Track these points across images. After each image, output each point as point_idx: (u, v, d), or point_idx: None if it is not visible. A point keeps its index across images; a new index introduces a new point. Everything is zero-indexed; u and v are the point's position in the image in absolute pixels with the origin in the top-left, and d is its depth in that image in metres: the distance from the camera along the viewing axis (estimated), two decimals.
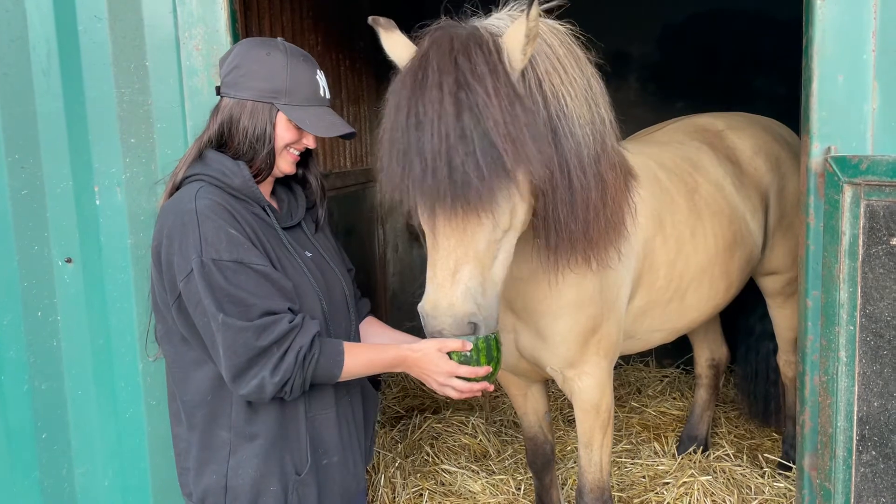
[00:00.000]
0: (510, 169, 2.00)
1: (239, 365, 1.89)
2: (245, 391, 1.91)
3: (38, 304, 2.78)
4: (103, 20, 2.65)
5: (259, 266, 1.93)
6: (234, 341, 1.87)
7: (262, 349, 1.88)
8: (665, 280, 3.04)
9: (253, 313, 1.89)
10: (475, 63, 2.04)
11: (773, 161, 3.66)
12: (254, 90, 2.04)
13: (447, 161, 1.96)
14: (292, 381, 1.92)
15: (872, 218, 2.24)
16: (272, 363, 1.89)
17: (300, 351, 1.91)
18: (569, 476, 4.09)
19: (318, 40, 4.58)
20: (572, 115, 2.27)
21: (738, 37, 5.45)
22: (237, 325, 1.87)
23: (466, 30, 2.16)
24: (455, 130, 1.97)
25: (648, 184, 2.99)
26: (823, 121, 2.39)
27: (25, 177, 2.73)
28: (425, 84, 2.03)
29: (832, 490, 2.39)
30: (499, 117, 1.99)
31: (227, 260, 1.89)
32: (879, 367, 2.26)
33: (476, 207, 2.01)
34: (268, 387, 1.90)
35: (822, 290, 2.38)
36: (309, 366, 1.94)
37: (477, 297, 2.06)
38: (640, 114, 5.17)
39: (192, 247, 1.89)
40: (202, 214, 1.92)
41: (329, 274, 2.20)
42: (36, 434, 2.84)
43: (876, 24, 2.32)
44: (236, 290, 1.88)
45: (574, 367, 2.81)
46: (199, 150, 2.07)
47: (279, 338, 1.90)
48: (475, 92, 2.00)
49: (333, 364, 1.99)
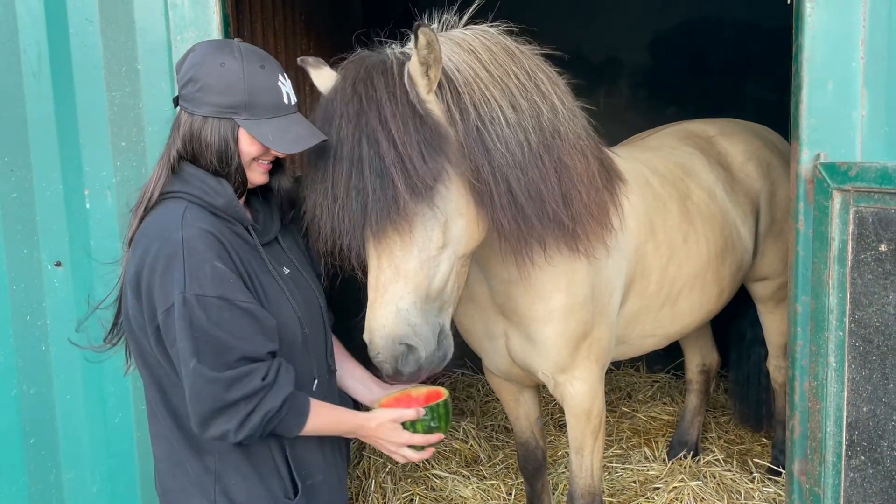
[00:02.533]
0: (403, 190, 2.00)
1: (204, 414, 1.84)
2: (208, 436, 1.88)
3: (27, 308, 2.77)
4: (94, 23, 2.64)
5: (244, 304, 1.85)
6: (203, 390, 1.82)
7: (230, 402, 1.83)
8: (657, 285, 3.05)
9: (230, 357, 1.82)
10: (375, 89, 2.08)
11: (763, 167, 3.68)
12: (212, 106, 1.90)
13: (354, 187, 2.01)
14: (254, 436, 1.89)
15: (861, 224, 2.25)
16: (238, 419, 1.84)
17: (268, 413, 1.86)
18: (560, 481, 4.09)
19: (310, 45, 4.57)
20: (498, 118, 2.22)
21: (728, 44, 5.48)
22: (208, 375, 1.81)
23: (375, 58, 2.19)
24: (355, 156, 2.02)
25: (640, 189, 3.00)
26: (813, 127, 2.40)
27: (15, 180, 2.72)
28: (332, 115, 2.09)
29: (821, 495, 2.40)
30: (392, 140, 2.01)
31: (211, 296, 1.80)
32: (868, 372, 2.28)
33: (394, 227, 2.03)
34: (230, 438, 1.87)
35: (811, 295, 2.39)
36: (272, 425, 1.90)
37: (410, 318, 2.06)
38: (631, 120, 5.19)
39: (176, 280, 1.80)
40: (189, 245, 1.82)
41: (306, 290, 2.13)
42: (24, 439, 2.81)
43: (865, 32, 2.34)
44: (217, 331, 1.81)
45: (565, 372, 2.82)
46: (170, 168, 1.97)
47: (249, 394, 1.84)
48: (371, 116, 2.04)
49: (295, 425, 1.95)
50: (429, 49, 2.09)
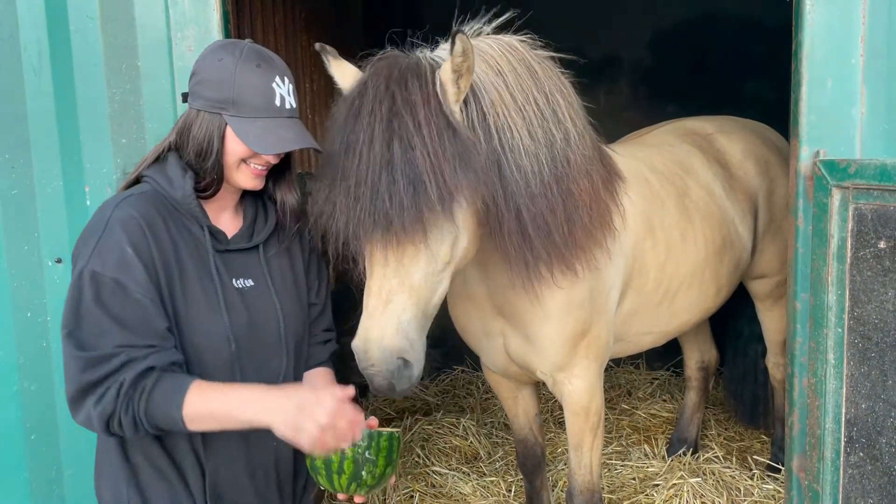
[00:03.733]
0: (434, 200, 1.94)
1: (71, 392, 1.79)
2: (78, 420, 1.82)
3: (28, 305, 2.77)
4: (95, 20, 2.64)
5: (137, 294, 1.80)
6: (68, 368, 1.79)
7: (90, 382, 1.76)
8: (655, 283, 3.05)
9: (103, 341, 1.77)
10: (410, 92, 2.02)
11: (762, 165, 3.68)
12: (204, 99, 1.92)
13: (374, 189, 1.93)
14: (117, 415, 1.77)
15: (861, 221, 2.25)
16: (97, 396, 1.77)
17: (123, 384, 1.76)
18: (559, 478, 4.10)
19: (310, 42, 4.57)
20: (518, 147, 2.21)
21: (728, 41, 5.48)
22: (70, 352, 1.78)
23: (408, 60, 2.15)
24: (383, 158, 1.94)
25: (638, 187, 3.01)
26: (812, 125, 2.41)
27: (16, 176, 2.72)
28: (360, 111, 2.01)
29: (820, 491, 2.40)
30: (427, 147, 1.95)
31: (108, 276, 1.79)
32: (867, 369, 2.28)
33: (410, 237, 1.96)
34: (93, 419, 1.78)
35: (810, 292, 2.39)
36: (139, 401, 1.77)
37: (410, 332, 1.98)
38: (630, 117, 5.19)
39: (84, 254, 1.82)
40: (110, 225, 1.83)
41: (263, 310, 2.03)
42: (25, 435, 2.82)
43: (864, 29, 2.35)
44: (100, 312, 1.78)
45: (563, 370, 2.82)
46: (156, 155, 1.99)
47: (112, 371, 1.77)
48: (405, 121, 1.97)
49: (170, 401, 1.77)
50: (464, 57, 2.06)
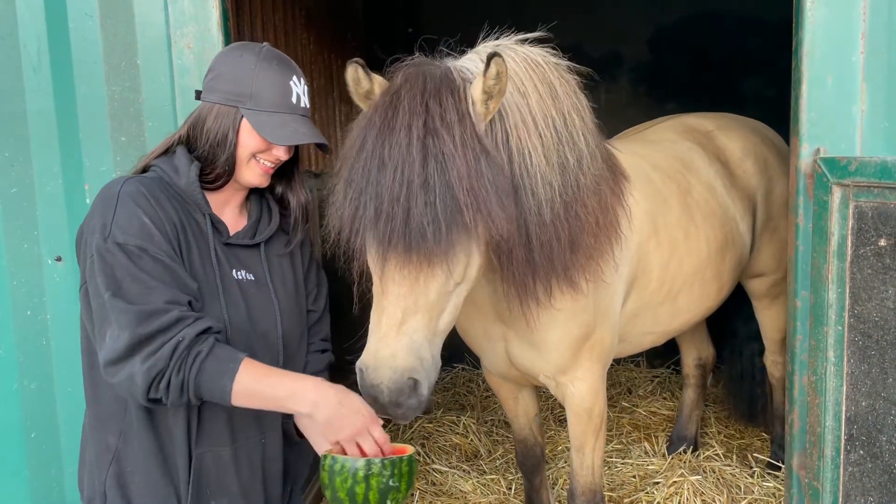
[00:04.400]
0: (469, 223, 1.92)
1: (116, 350, 1.74)
2: (115, 380, 1.76)
3: (28, 303, 2.77)
4: (94, 18, 2.64)
5: (165, 257, 1.83)
6: (117, 323, 1.73)
7: (143, 336, 1.73)
8: (658, 283, 3.04)
9: (151, 297, 1.76)
10: (445, 108, 1.97)
11: (761, 164, 3.68)
12: (221, 93, 1.97)
13: (405, 208, 1.88)
14: (166, 375, 1.73)
15: (861, 219, 2.25)
16: (147, 352, 1.72)
17: (182, 341, 1.73)
18: (560, 476, 4.10)
19: (310, 39, 4.57)
20: (536, 173, 2.19)
21: (728, 39, 5.48)
22: (120, 307, 1.74)
23: (440, 71, 2.09)
24: (419, 177, 1.89)
25: (641, 185, 2.99)
26: (813, 122, 2.40)
27: (15, 175, 2.72)
28: (394, 125, 1.95)
29: (820, 489, 2.40)
30: (463, 170, 1.91)
31: (132, 245, 1.80)
32: (867, 366, 2.28)
33: (430, 257, 1.91)
34: (137, 377, 1.72)
35: (811, 290, 2.39)
36: (192, 364, 1.75)
37: (421, 352, 1.94)
38: (631, 115, 5.16)
39: (103, 226, 1.82)
40: (121, 199, 1.85)
41: (260, 306, 2.05)
42: (25, 433, 2.82)
43: (865, 27, 2.34)
44: (138, 272, 1.77)
45: (567, 373, 2.80)
46: (166, 147, 2.02)
47: (166, 326, 1.74)
48: (442, 140, 1.93)
49: (224, 372, 1.75)
50: (496, 80, 2.03)
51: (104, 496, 1.93)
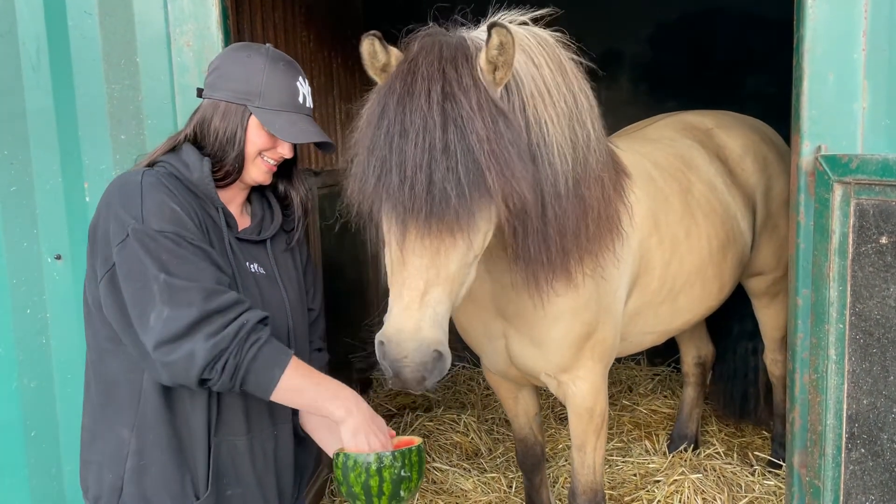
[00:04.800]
0: (491, 187, 1.90)
1: (176, 328, 1.73)
2: (171, 358, 1.73)
3: (27, 302, 2.77)
4: (93, 15, 2.63)
5: (200, 244, 1.84)
6: (178, 300, 1.73)
7: (206, 313, 1.74)
8: (659, 282, 3.02)
9: (202, 276, 1.78)
10: (461, 74, 1.97)
11: (760, 162, 3.67)
12: (228, 91, 1.99)
13: (427, 174, 1.87)
14: (227, 355, 1.74)
15: (862, 216, 2.25)
16: (211, 329, 1.73)
17: (245, 325, 1.76)
18: (560, 474, 4.10)
19: (309, 37, 4.56)
20: (552, 143, 2.18)
21: (729, 36, 5.47)
22: (181, 284, 1.74)
23: (454, 39, 2.10)
24: (440, 143, 1.88)
25: (643, 183, 2.98)
26: (814, 120, 2.40)
27: (15, 173, 2.71)
28: (413, 91, 1.94)
29: (821, 487, 2.40)
30: (482, 132, 1.90)
31: (168, 231, 1.80)
32: (869, 364, 2.27)
33: (452, 226, 1.89)
34: (199, 355, 1.72)
35: (812, 288, 2.38)
36: (250, 348, 1.77)
37: (444, 324, 1.92)
38: (631, 112, 5.16)
39: (132, 215, 1.80)
40: (146, 188, 1.85)
41: (273, 297, 2.08)
42: (25, 432, 2.82)
43: (867, 24, 2.33)
44: (185, 253, 1.80)
45: (568, 372, 2.79)
46: (171, 145, 2.03)
47: (227, 305, 1.77)
48: (460, 104, 1.92)
49: (276, 362, 1.80)
50: (500, 51, 2.02)
51: (119, 491, 1.93)
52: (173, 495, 1.91)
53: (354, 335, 4.99)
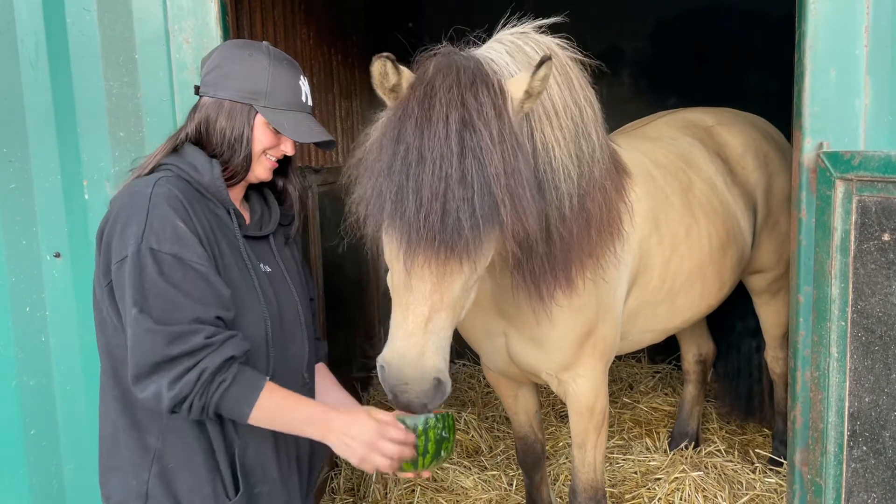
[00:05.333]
0: (504, 221, 1.90)
1: (142, 367, 1.76)
2: (142, 396, 1.79)
3: (27, 300, 2.76)
4: (92, 12, 2.62)
5: (198, 265, 1.82)
6: (143, 341, 1.76)
7: (169, 357, 1.76)
8: (659, 280, 3.02)
9: (178, 315, 1.77)
10: (482, 103, 1.94)
11: (761, 159, 3.66)
12: (233, 90, 1.97)
13: (443, 203, 1.85)
14: (190, 399, 1.78)
15: (864, 213, 2.24)
16: (173, 375, 1.76)
17: (205, 370, 1.77)
18: (561, 472, 4.09)
19: (309, 34, 4.55)
20: (559, 167, 2.19)
21: (730, 33, 5.45)
22: (147, 326, 1.76)
23: (471, 63, 2.05)
24: (457, 173, 1.86)
25: (643, 182, 2.98)
26: (816, 116, 2.38)
27: (13, 171, 2.70)
28: (430, 116, 1.91)
29: (823, 485, 2.39)
30: (500, 167, 1.89)
31: (166, 252, 1.79)
32: (871, 362, 2.26)
33: (461, 255, 1.90)
34: (164, 399, 1.76)
35: (813, 285, 2.38)
36: (215, 391, 1.79)
37: (445, 351, 1.94)
38: (632, 109, 5.16)
39: (134, 232, 1.80)
40: (154, 201, 1.83)
41: (285, 294, 2.09)
42: (24, 430, 2.81)
43: (869, 19, 2.32)
44: (167, 287, 1.77)
45: (568, 370, 2.79)
46: (172, 146, 2.00)
47: (191, 350, 1.77)
48: (480, 135, 1.90)
49: (244, 399, 1.82)
50: (542, 82, 2.02)
51: (145, 497, 1.92)
52: (204, 497, 1.92)
53: (354, 333, 4.98)
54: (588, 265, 2.42)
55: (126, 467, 1.95)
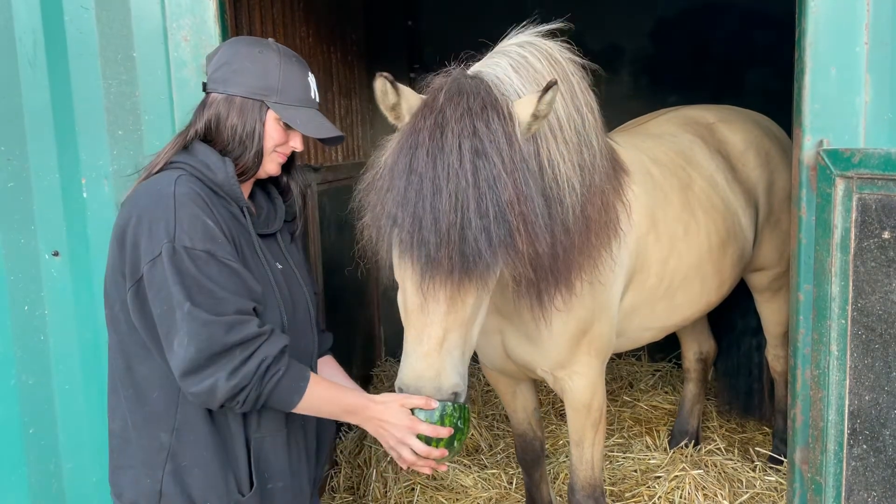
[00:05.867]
0: (520, 248, 1.95)
1: (198, 360, 1.77)
2: (196, 389, 1.79)
3: (25, 298, 2.75)
4: (90, 10, 2.61)
5: (230, 262, 1.84)
6: (199, 333, 1.76)
7: (227, 346, 1.78)
8: (657, 278, 3.02)
9: (223, 308, 1.79)
10: (493, 131, 1.97)
11: (763, 156, 3.65)
12: (244, 87, 1.98)
13: (460, 233, 1.89)
14: (248, 391, 1.81)
15: (864, 211, 2.23)
16: (231, 365, 1.78)
17: (264, 360, 1.81)
18: (561, 470, 4.09)
19: (308, 33, 4.54)
20: (563, 182, 2.22)
21: (730, 30, 5.44)
22: (204, 318, 1.77)
23: (479, 87, 2.06)
24: (473, 202, 1.90)
25: (641, 179, 2.97)
26: (816, 114, 2.38)
27: (12, 169, 2.70)
28: (442, 146, 1.94)
29: (823, 484, 2.39)
30: (513, 194, 1.93)
31: (199, 249, 1.80)
32: (871, 360, 2.26)
33: (476, 280, 1.95)
34: (220, 390, 1.78)
35: (813, 283, 2.37)
36: (269, 381, 1.83)
37: (460, 367, 2.00)
38: (632, 107, 5.14)
39: (164, 231, 1.80)
40: (180, 200, 1.83)
41: (296, 289, 2.12)
42: (23, 429, 2.81)
43: (869, 17, 2.32)
44: (206, 281, 1.79)
45: (565, 367, 2.79)
46: (183, 143, 2.00)
47: (247, 339, 1.80)
48: (493, 164, 1.93)
49: (295, 389, 1.88)
50: (549, 106, 2.04)
51: (159, 495, 1.93)
52: (219, 494, 1.93)
53: (354, 332, 4.98)
54: (586, 267, 2.42)
55: (138, 465, 1.96)
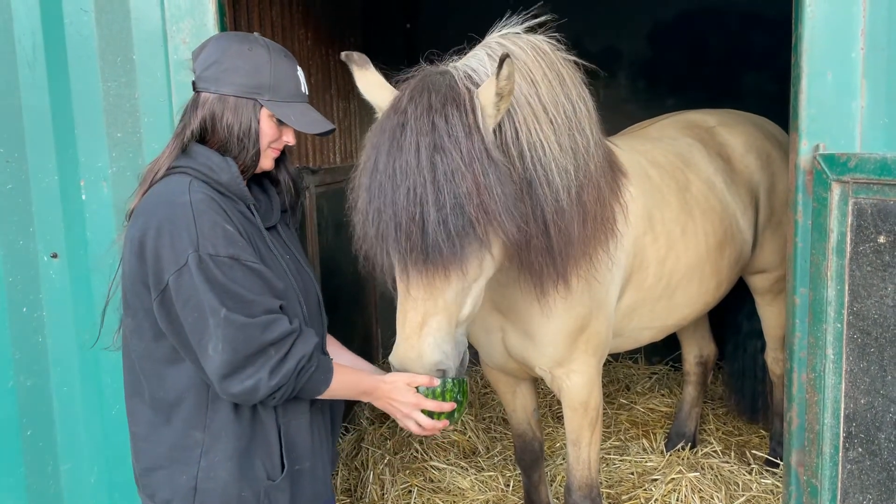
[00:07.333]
0: (482, 237, 2.03)
1: (236, 362, 1.83)
2: (237, 390, 1.85)
3: (24, 300, 2.76)
4: (89, 12, 2.62)
5: (253, 264, 1.89)
6: (237, 337, 1.83)
7: (263, 346, 1.85)
8: (655, 278, 3.04)
9: (254, 310, 1.86)
10: (451, 125, 2.03)
11: (763, 159, 3.67)
12: (236, 85, 1.97)
13: (421, 226, 1.99)
14: (286, 388, 1.89)
15: (860, 216, 2.24)
16: (271, 364, 1.86)
17: (301, 359, 1.90)
18: (558, 472, 4.10)
19: (307, 35, 4.55)
20: (550, 163, 2.24)
21: (728, 34, 5.46)
22: (241, 321, 1.83)
23: (444, 83, 2.12)
24: (431, 196, 1.98)
25: (639, 181, 2.99)
26: (812, 118, 2.39)
27: (10, 171, 2.71)
28: (402, 145, 2.03)
29: (819, 487, 2.40)
30: (472, 186, 1.99)
31: (223, 256, 1.84)
32: (866, 364, 2.27)
33: (444, 268, 2.04)
34: (262, 389, 1.86)
35: (809, 287, 2.38)
36: (303, 376, 1.92)
37: (444, 346, 2.08)
38: (630, 110, 5.17)
39: (188, 241, 1.83)
40: (197, 208, 1.86)
41: (305, 277, 2.17)
42: (21, 431, 2.81)
43: (865, 22, 2.33)
44: (234, 286, 1.84)
45: (562, 365, 2.81)
46: (181, 146, 2.00)
47: (281, 337, 1.88)
48: (450, 157, 1.99)
49: (323, 381, 1.99)
50: (508, 80, 2.06)
51: (194, 491, 1.96)
52: (251, 482, 1.98)
53: (352, 333, 4.98)
54: (582, 263, 2.44)
55: (171, 464, 1.98)
